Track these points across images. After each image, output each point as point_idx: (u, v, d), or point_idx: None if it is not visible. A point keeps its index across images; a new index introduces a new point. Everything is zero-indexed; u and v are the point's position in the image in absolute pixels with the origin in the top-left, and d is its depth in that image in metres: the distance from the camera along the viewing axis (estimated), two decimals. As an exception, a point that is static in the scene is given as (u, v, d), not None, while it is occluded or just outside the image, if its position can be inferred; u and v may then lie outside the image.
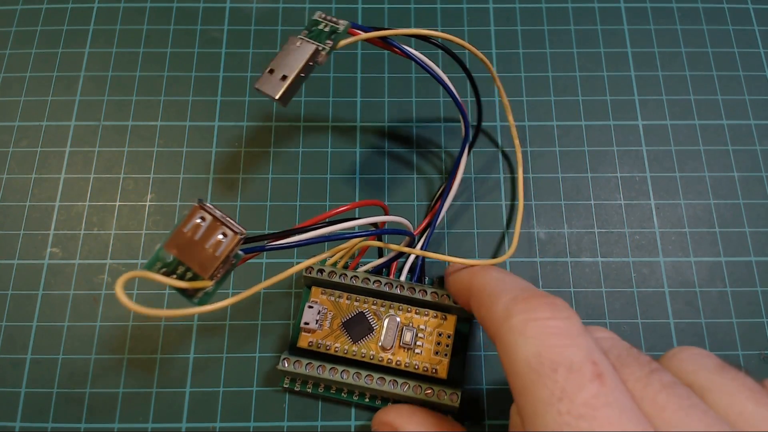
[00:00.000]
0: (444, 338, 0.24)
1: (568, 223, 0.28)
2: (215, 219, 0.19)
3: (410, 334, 0.24)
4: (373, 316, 0.24)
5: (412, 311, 0.24)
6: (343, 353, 0.24)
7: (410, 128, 0.30)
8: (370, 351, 0.24)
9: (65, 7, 0.32)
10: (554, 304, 0.17)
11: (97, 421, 0.25)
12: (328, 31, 0.24)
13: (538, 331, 0.16)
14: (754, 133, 0.30)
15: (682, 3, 0.33)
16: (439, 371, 0.23)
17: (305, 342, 0.24)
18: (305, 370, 0.24)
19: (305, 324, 0.24)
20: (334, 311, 0.24)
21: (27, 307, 0.27)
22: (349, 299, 0.25)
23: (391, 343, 0.24)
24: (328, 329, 0.24)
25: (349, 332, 0.24)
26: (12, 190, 0.29)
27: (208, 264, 0.19)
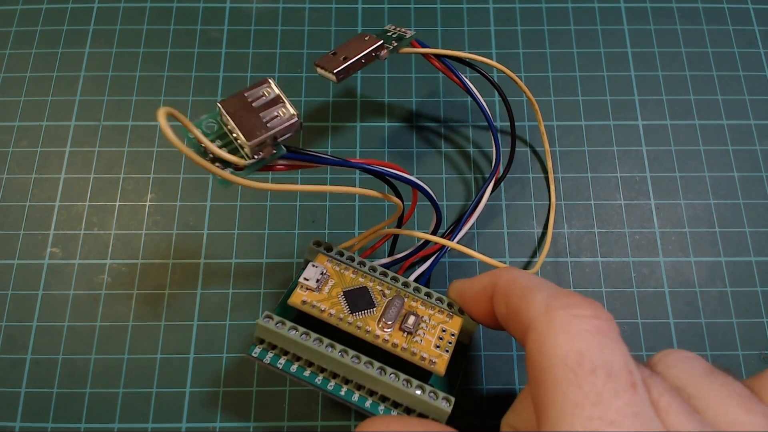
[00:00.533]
0: (447, 335, 0.22)
1: (568, 223, 0.28)
2: (280, 96, 0.19)
3: (414, 318, 0.22)
4: (377, 295, 0.22)
5: (418, 301, 0.23)
6: (337, 320, 0.21)
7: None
8: (366, 326, 0.21)
9: (65, 7, 0.32)
10: (595, 304, 0.17)
11: (97, 421, 0.25)
12: (394, 37, 0.26)
13: (582, 329, 0.16)
14: (754, 133, 0.30)
15: (682, 3, 0.33)
16: (438, 365, 0.21)
17: (299, 299, 0.21)
18: (288, 332, 0.20)
19: (305, 279, 0.22)
20: (336, 280, 0.22)
21: (27, 307, 0.27)
22: (355, 274, 0.23)
23: (392, 319, 0.21)
24: (326, 294, 0.22)
25: (349, 302, 0.22)
26: (12, 190, 0.29)
27: (256, 132, 0.18)
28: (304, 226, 0.28)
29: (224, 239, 0.28)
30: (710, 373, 0.17)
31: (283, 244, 0.28)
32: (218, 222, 0.28)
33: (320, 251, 0.23)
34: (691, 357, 0.17)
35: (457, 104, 0.31)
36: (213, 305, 0.27)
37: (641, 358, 0.26)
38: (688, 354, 0.17)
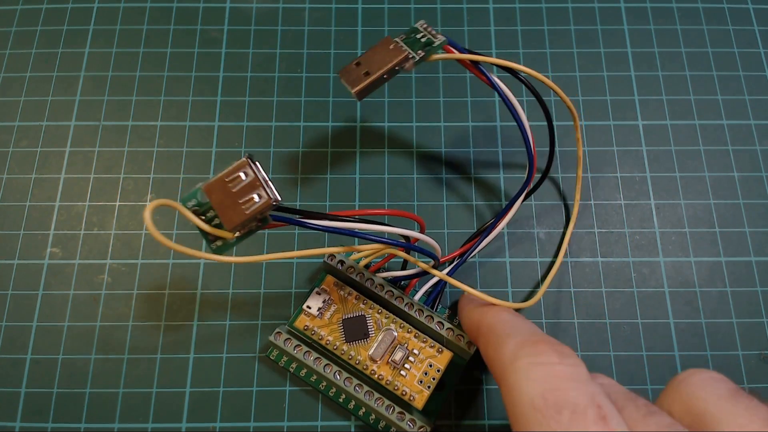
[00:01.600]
0: (433, 371, 0.24)
1: (568, 222, 0.28)
2: (256, 178, 0.19)
3: (402, 354, 0.24)
4: (373, 324, 0.24)
5: (412, 333, 0.24)
6: (333, 348, 0.24)
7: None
8: (358, 355, 0.24)
9: (65, 7, 0.32)
10: (562, 351, 0.17)
11: (97, 421, 0.25)
12: (423, 42, 0.24)
13: (545, 374, 0.16)
14: (754, 133, 0.30)
15: (682, 3, 0.33)
16: (417, 401, 0.23)
17: (302, 324, 0.25)
18: (293, 351, 0.24)
19: (308, 307, 0.24)
20: (339, 306, 0.25)
21: (27, 307, 0.27)
22: (357, 299, 0.25)
23: (380, 356, 0.24)
24: (327, 320, 0.25)
25: (345, 330, 0.24)
26: (12, 190, 0.29)
27: (235, 217, 0.19)
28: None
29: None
30: (734, 395, 0.16)
31: (283, 242, 0.28)
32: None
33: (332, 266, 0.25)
34: (717, 378, 0.17)
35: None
36: (213, 305, 0.27)
37: (641, 358, 0.26)
38: (713, 375, 0.17)
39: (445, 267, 0.26)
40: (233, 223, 0.19)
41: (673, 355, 0.26)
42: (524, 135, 0.25)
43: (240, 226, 0.19)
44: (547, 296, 0.27)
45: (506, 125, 0.30)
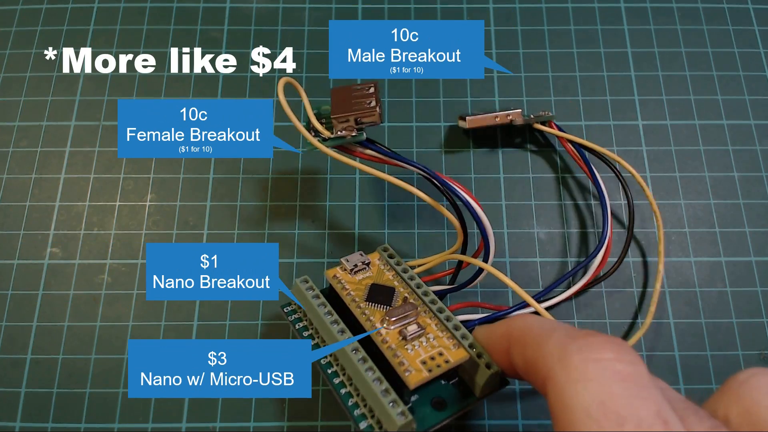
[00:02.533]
0: (441, 359, 0.21)
1: (568, 223, 0.28)
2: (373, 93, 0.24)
3: (415, 329, 0.22)
4: (400, 298, 0.23)
5: (434, 320, 0.22)
6: (350, 300, 0.23)
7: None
8: (371, 315, 0.22)
9: (65, 7, 0.32)
10: (617, 343, 0.15)
11: (97, 421, 0.25)
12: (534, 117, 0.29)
13: (601, 375, 0.14)
14: (754, 133, 0.30)
15: (682, 3, 0.33)
16: (411, 377, 0.20)
17: (332, 273, 0.24)
18: (311, 297, 0.23)
19: (345, 260, 0.24)
20: (374, 276, 0.24)
21: (27, 307, 0.27)
22: (393, 277, 0.24)
23: (394, 317, 0.22)
24: (356, 280, 0.24)
25: (370, 291, 0.23)
26: (12, 190, 0.29)
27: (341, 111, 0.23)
28: (304, 226, 0.28)
29: (224, 239, 0.28)
30: None
31: (283, 243, 0.28)
32: (218, 222, 0.28)
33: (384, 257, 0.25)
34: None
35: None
36: (213, 305, 0.27)
37: (641, 359, 0.26)
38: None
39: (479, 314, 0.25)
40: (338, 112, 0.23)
41: (673, 355, 0.26)
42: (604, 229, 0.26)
43: (342, 119, 0.23)
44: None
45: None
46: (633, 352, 0.15)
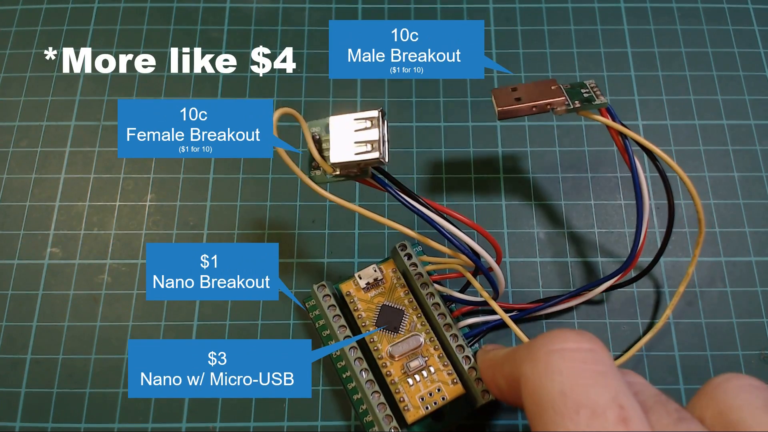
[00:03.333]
0: (438, 396, 0.23)
1: (568, 223, 0.28)
2: (379, 132, 0.21)
3: (418, 364, 0.23)
4: (407, 323, 0.24)
5: (437, 351, 0.24)
6: (361, 324, 0.24)
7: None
8: (379, 342, 0.24)
9: (65, 7, 0.32)
10: (579, 333, 0.16)
11: (97, 421, 0.25)
12: (584, 97, 0.25)
13: (563, 365, 0.15)
14: (754, 133, 0.30)
15: (682, 3, 0.33)
16: (409, 414, 0.22)
17: (346, 289, 0.25)
18: (326, 308, 0.24)
19: (359, 276, 0.24)
20: (386, 291, 0.25)
21: (27, 307, 0.27)
22: (405, 295, 0.25)
23: (398, 354, 0.23)
24: (368, 297, 0.25)
25: (380, 315, 0.24)
26: (12, 190, 0.29)
27: (341, 155, 0.21)
28: (304, 226, 0.28)
29: (224, 239, 0.28)
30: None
31: (283, 244, 0.28)
32: (218, 222, 0.28)
33: (399, 255, 0.25)
34: (755, 385, 0.16)
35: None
36: (213, 305, 0.27)
37: (642, 358, 0.26)
38: (752, 381, 0.16)
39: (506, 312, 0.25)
40: (337, 159, 0.20)
41: (673, 355, 0.26)
42: (639, 227, 0.24)
43: (342, 166, 0.21)
44: (547, 296, 0.27)
45: None
46: (595, 340, 0.16)
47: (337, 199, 0.21)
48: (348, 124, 0.21)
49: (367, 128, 0.21)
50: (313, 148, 0.21)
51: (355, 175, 0.21)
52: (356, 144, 0.20)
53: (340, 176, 0.21)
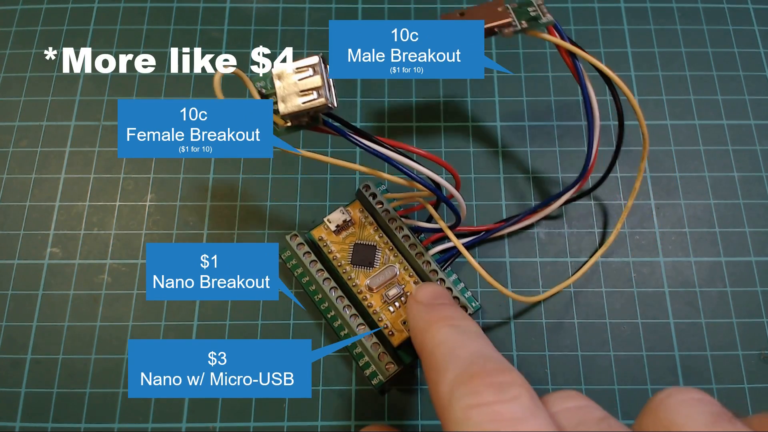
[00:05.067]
0: None
1: (568, 223, 0.28)
2: (322, 78, 0.20)
3: (396, 292, 0.25)
4: (381, 257, 0.25)
5: (412, 278, 0.25)
6: (338, 265, 0.25)
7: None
8: (356, 278, 0.25)
9: (65, 7, 0.32)
10: (500, 383, 0.15)
11: (97, 421, 0.25)
12: (531, 15, 0.24)
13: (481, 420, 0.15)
14: (754, 133, 0.30)
15: (682, 3, 0.33)
16: (394, 338, 0.24)
17: (318, 234, 0.26)
18: (302, 256, 0.25)
19: (328, 221, 0.25)
20: (356, 230, 0.26)
21: (27, 307, 0.27)
22: (375, 231, 0.26)
23: (376, 286, 0.25)
24: (340, 239, 0.26)
25: (354, 253, 0.25)
26: (12, 190, 0.29)
27: (290, 106, 0.20)
28: (304, 227, 0.28)
29: (224, 239, 0.28)
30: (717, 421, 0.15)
31: (283, 243, 0.28)
32: (218, 222, 0.28)
33: (365, 195, 0.26)
34: (698, 400, 0.15)
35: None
36: (213, 305, 0.27)
37: (641, 358, 0.26)
38: (694, 395, 0.15)
39: (465, 237, 0.26)
40: (287, 110, 0.20)
41: (673, 355, 0.26)
42: (590, 140, 0.25)
43: (292, 116, 0.20)
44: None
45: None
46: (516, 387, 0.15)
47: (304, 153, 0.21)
48: (290, 75, 0.21)
49: (309, 76, 0.21)
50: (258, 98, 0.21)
51: (307, 123, 0.21)
52: (302, 93, 0.20)
53: (292, 127, 0.21)
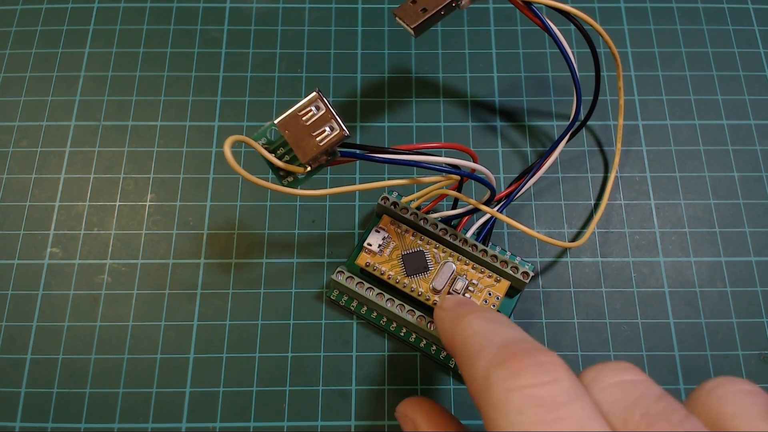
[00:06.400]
0: (492, 299, 0.24)
1: (569, 223, 0.28)
2: (328, 111, 0.20)
3: (462, 284, 0.24)
4: (432, 258, 0.25)
5: (469, 264, 0.25)
6: (395, 282, 0.25)
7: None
8: (419, 287, 0.25)
9: (65, 7, 0.32)
10: (540, 364, 0.15)
11: (97, 421, 0.25)
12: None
13: (522, 404, 0.14)
14: (754, 133, 0.30)
15: (682, 3, 0.33)
16: None
17: (363, 261, 0.25)
18: (355, 288, 0.25)
19: (368, 245, 0.25)
20: (397, 243, 0.25)
21: (27, 307, 0.27)
22: (414, 236, 0.26)
23: (441, 286, 0.24)
24: (386, 257, 0.25)
25: (406, 265, 0.25)
26: (12, 190, 0.29)
27: (310, 150, 0.20)
28: (304, 226, 0.28)
29: (224, 240, 0.28)
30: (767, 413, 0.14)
31: (283, 244, 0.28)
32: (218, 222, 0.28)
33: (386, 207, 0.26)
34: (749, 391, 0.15)
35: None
36: (213, 305, 0.27)
37: (641, 358, 0.26)
38: (746, 386, 0.15)
39: (495, 206, 0.27)
40: (308, 156, 0.20)
41: (673, 355, 0.26)
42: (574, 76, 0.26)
43: (313, 159, 0.20)
44: (547, 295, 0.27)
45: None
46: (555, 369, 0.15)
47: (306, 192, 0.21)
48: (296, 121, 0.20)
49: (314, 114, 0.20)
50: (275, 160, 0.20)
51: (326, 161, 0.21)
52: (315, 133, 0.20)
53: (312, 171, 0.21)
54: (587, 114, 0.28)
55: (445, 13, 0.24)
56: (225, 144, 0.19)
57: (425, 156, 0.22)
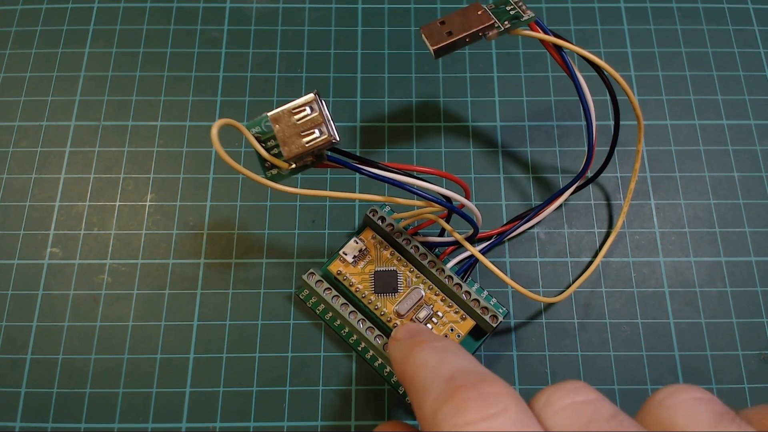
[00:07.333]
0: (453, 335, 0.24)
1: (568, 223, 0.28)
2: (321, 114, 0.20)
3: (426, 313, 0.24)
4: (404, 281, 0.25)
5: (439, 296, 0.25)
6: (361, 296, 0.25)
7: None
8: (383, 307, 0.25)
9: (65, 7, 0.32)
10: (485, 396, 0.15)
11: (97, 421, 0.25)
12: (511, 14, 0.24)
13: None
14: (754, 133, 0.30)
15: (682, 3, 0.33)
16: None
17: (335, 268, 0.25)
18: (322, 293, 0.25)
19: (344, 253, 0.25)
20: (373, 258, 0.26)
21: (27, 307, 0.27)
22: (392, 255, 0.26)
23: (405, 311, 0.24)
24: (359, 270, 0.25)
25: (376, 281, 0.25)
26: (12, 190, 0.29)
27: (294, 148, 0.20)
28: (304, 226, 0.28)
29: (224, 239, 0.28)
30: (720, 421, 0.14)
31: (283, 244, 0.28)
32: (218, 222, 0.28)
33: (373, 220, 0.26)
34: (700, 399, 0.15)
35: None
36: (213, 305, 0.27)
37: (641, 358, 0.26)
38: (695, 394, 0.15)
39: (480, 244, 0.26)
40: (292, 153, 0.20)
41: (673, 355, 0.26)
42: (589, 130, 0.25)
43: (297, 158, 0.20)
44: (547, 295, 0.27)
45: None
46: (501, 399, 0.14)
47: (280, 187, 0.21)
48: (288, 118, 0.20)
49: (308, 114, 0.20)
50: (262, 150, 0.20)
51: (312, 162, 0.21)
52: (303, 133, 0.20)
53: (297, 169, 0.21)
54: (598, 170, 0.28)
55: (470, 41, 0.24)
56: (213, 126, 0.19)
57: (413, 179, 0.22)
